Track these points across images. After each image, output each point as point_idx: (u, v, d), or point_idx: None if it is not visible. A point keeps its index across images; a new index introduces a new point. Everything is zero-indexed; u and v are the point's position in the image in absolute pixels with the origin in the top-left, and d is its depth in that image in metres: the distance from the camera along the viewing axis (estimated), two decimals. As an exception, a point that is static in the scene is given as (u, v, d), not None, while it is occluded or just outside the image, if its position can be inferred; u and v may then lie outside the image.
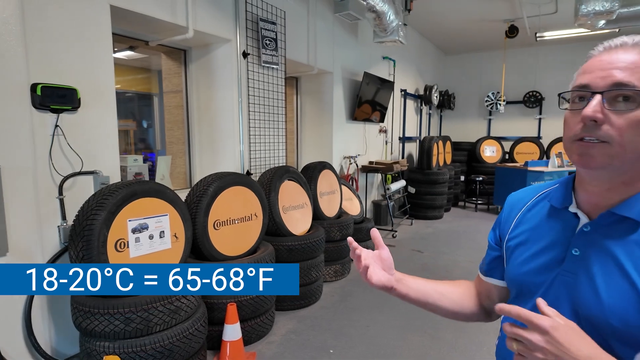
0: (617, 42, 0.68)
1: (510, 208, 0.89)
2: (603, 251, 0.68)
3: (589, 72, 0.68)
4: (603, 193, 0.70)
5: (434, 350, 2.66)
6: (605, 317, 0.64)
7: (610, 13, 3.96)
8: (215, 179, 2.59)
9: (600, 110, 0.63)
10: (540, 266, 0.75)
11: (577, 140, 0.66)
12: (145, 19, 2.66)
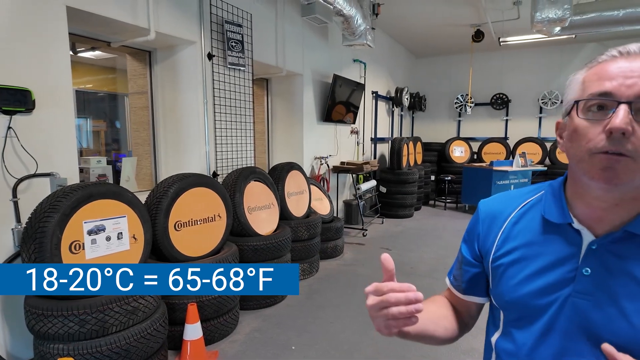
0: (634, 48, 0.62)
1: (490, 220, 0.80)
2: (619, 271, 0.64)
3: (608, 78, 0.61)
4: (610, 208, 0.65)
5: (394, 345, 2.75)
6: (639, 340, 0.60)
7: (563, 20, 4.18)
8: (176, 180, 2.61)
9: (629, 122, 0.58)
10: (543, 287, 0.69)
11: (600, 153, 0.60)
12: (105, 20, 2.65)
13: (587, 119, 0.63)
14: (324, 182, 5.51)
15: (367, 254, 4.81)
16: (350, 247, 5.05)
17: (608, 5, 4.46)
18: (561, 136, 0.71)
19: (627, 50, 0.63)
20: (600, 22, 4.55)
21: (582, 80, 0.66)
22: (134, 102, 3.56)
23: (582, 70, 0.68)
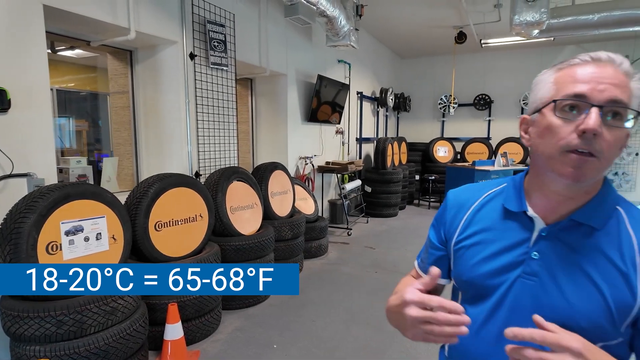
0: (603, 56, 0.68)
1: (456, 208, 0.87)
2: (564, 256, 0.71)
3: (580, 81, 0.66)
4: (565, 201, 0.72)
5: (375, 342, 2.80)
6: (575, 319, 0.67)
7: (541, 24, 4.28)
8: (157, 180, 2.60)
9: (600, 124, 0.63)
10: (497, 268, 0.76)
11: (570, 151, 0.66)
12: (83, 20, 2.62)
13: (561, 117, 0.67)
14: (308, 182, 5.54)
15: (352, 253, 4.85)
16: (334, 247, 5.09)
17: (583, 10, 4.59)
18: (526, 131, 0.76)
19: (598, 57, 0.68)
20: (576, 25, 4.67)
21: (553, 81, 0.71)
22: (115, 102, 3.53)
23: (550, 71, 0.72)
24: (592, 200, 0.72)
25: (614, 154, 0.67)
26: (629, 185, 7.97)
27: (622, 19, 4.51)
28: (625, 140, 0.68)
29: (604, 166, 0.67)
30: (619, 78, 0.66)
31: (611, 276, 0.67)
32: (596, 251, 0.69)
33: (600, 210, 0.71)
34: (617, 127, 0.65)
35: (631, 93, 0.66)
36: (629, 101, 0.66)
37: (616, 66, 0.67)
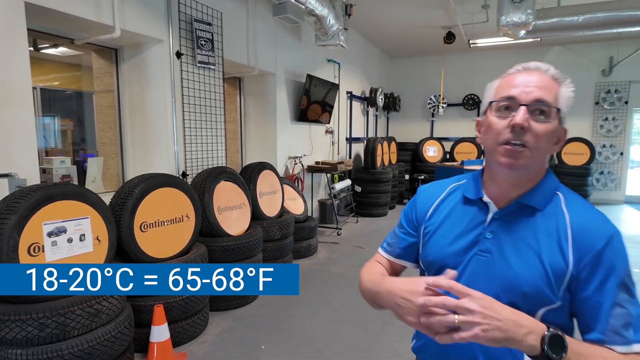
0: (532, 65, 0.82)
1: (425, 198, 1.00)
2: (512, 233, 0.83)
3: (513, 86, 0.80)
4: (512, 187, 0.84)
5: (363, 341, 2.80)
6: (520, 285, 0.78)
7: (527, 24, 4.33)
8: (142, 181, 2.57)
9: (527, 119, 0.77)
10: (458, 249, 0.87)
11: (505, 144, 0.79)
12: (66, 17, 2.58)
13: (498, 116, 0.82)
14: (298, 182, 5.53)
15: (341, 252, 4.86)
16: (324, 246, 5.09)
17: (568, 11, 4.66)
18: (479, 131, 0.90)
19: (528, 67, 0.82)
20: (562, 26, 4.74)
21: (496, 87, 0.86)
22: (100, 101, 3.49)
23: (497, 80, 0.87)
24: (535, 187, 0.84)
25: (543, 145, 0.79)
26: (614, 185, 8.12)
27: (606, 21, 4.58)
28: (556, 135, 0.81)
29: (535, 155, 0.79)
30: (545, 82, 0.79)
31: (549, 248, 0.79)
32: (538, 228, 0.81)
33: (541, 194, 0.83)
34: (543, 122, 0.78)
35: (558, 94, 0.80)
36: (554, 101, 0.79)
37: (542, 72, 0.81)
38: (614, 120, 7.92)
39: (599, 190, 8.17)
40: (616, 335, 0.73)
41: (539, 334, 0.69)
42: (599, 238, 0.76)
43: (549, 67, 0.82)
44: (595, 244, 0.76)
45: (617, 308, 0.73)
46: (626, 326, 0.73)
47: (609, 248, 0.75)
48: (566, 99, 0.81)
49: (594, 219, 0.79)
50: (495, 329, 0.68)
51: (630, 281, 0.76)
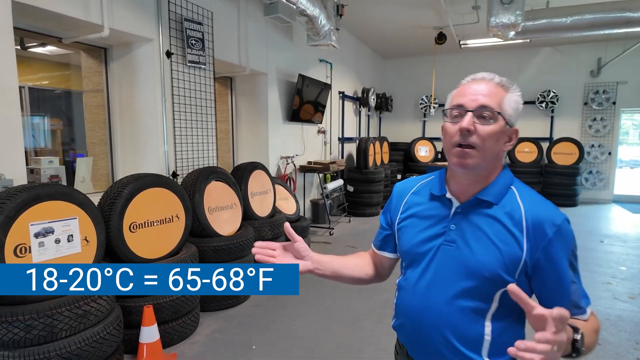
0: (479, 76, 0.93)
1: (398, 195, 1.11)
2: (472, 225, 0.93)
3: (462, 95, 0.92)
4: (470, 184, 0.95)
5: (353, 340, 2.81)
6: (480, 271, 0.89)
7: (516, 26, 4.38)
8: (131, 181, 2.55)
9: (472, 123, 0.88)
10: (426, 239, 0.98)
11: (456, 146, 0.90)
12: (55, 16, 2.56)
13: (450, 122, 0.93)
14: (290, 182, 5.53)
15: (333, 252, 4.85)
16: (316, 246, 5.09)
17: (557, 13, 4.72)
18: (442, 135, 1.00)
19: (476, 77, 0.94)
20: (551, 28, 4.80)
21: (452, 96, 0.97)
22: (89, 101, 3.46)
23: (456, 88, 0.98)
24: (492, 183, 0.94)
25: (490, 145, 0.88)
26: (603, 184, 8.23)
27: (593, 22, 4.65)
28: (505, 134, 0.91)
29: (483, 155, 0.89)
30: (489, 90, 0.90)
31: (505, 237, 0.89)
32: (495, 219, 0.91)
33: (497, 189, 0.93)
34: (487, 124, 0.88)
35: (503, 100, 0.90)
36: (498, 106, 0.89)
37: (488, 81, 0.92)
38: (602, 121, 8.03)
39: (588, 189, 8.28)
40: (577, 308, 0.87)
41: (570, 337, 0.76)
42: (550, 227, 0.86)
43: (494, 76, 0.93)
44: (547, 232, 0.86)
45: (572, 285, 0.87)
46: (580, 298, 0.88)
47: (559, 235, 0.86)
48: (513, 102, 0.91)
49: (545, 210, 0.89)
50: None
51: (575, 259, 0.88)
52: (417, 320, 0.98)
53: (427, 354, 0.98)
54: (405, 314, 1.03)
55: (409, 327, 1.02)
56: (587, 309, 0.88)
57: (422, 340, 0.97)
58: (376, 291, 3.63)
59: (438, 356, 0.95)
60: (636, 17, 4.40)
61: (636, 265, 4.40)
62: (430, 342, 0.95)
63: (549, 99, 8.17)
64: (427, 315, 0.95)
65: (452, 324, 0.92)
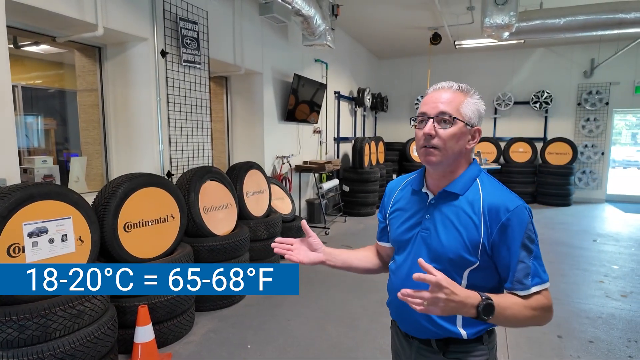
0: (440, 85, 1.07)
1: (389, 192, 1.28)
2: (442, 214, 1.07)
3: (425, 104, 1.06)
4: (440, 178, 1.09)
5: (348, 339, 2.82)
6: (446, 253, 1.03)
7: (510, 26, 4.41)
8: (126, 180, 2.54)
9: (433, 128, 1.02)
10: (408, 227, 1.14)
11: (422, 147, 1.05)
12: (48, 14, 2.54)
13: (417, 127, 1.07)
14: (286, 182, 5.53)
15: (328, 251, 4.87)
16: (311, 246, 5.09)
17: (550, 14, 4.76)
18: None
19: (438, 87, 1.07)
20: (544, 29, 4.84)
21: (420, 105, 1.10)
22: (84, 100, 3.44)
23: (423, 97, 1.12)
24: (458, 177, 1.07)
25: (451, 145, 1.02)
26: (596, 184, 8.31)
27: (586, 23, 4.69)
28: (466, 134, 1.03)
29: (445, 154, 1.02)
30: (448, 97, 1.03)
31: (466, 223, 1.02)
32: (459, 208, 1.04)
33: (462, 183, 1.06)
34: (447, 128, 1.02)
35: (461, 104, 1.02)
36: (455, 110, 1.01)
37: (447, 89, 1.04)
38: (595, 121, 8.10)
39: (581, 189, 8.35)
40: (519, 284, 0.99)
41: (474, 305, 0.90)
42: (504, 212, 0.99)
43: (452, 84, 1.06)
44: (501, 217, 0.99)
45: (519, 264, 0.98)
46: (526, 276, 0.98)
47: (511, 220, 0.98)
48: (471, 105, 1.04)
49: (500, 198, 1.02)
50: (450, 308, 0.88)
51: (530, 241, 0.99)
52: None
53: (412, 326, 1.13)
54: (392, 293, 1.16)
55: (395, 304, 1.16)
56: (531, 287, 0.98)
57: (406, 314, 1.11)
58: (371, 290, 3.65)
59: (420, 327, 1.10)
60: (628, 18, 4.44)
61: (628, 264, 4.44)
62: (412, 315, 1.08)
63: (542, 99, 8.23)
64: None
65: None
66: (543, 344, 2.74)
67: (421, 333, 1.11)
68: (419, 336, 1.12)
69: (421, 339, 1.12)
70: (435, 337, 1.09)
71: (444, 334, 1.07)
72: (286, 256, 1.15)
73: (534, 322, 0.99)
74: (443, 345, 1.08)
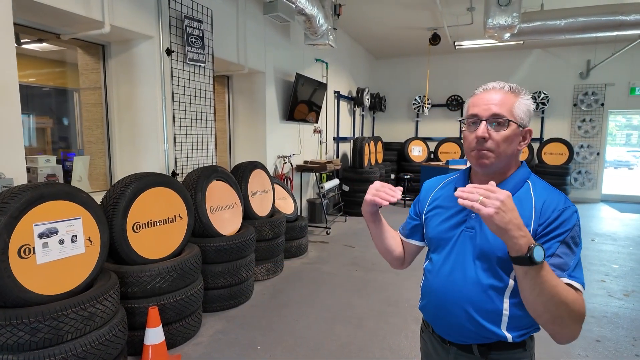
0: (490, 86, 1.04)
1: (427, 190, 1.26)
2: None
3: (476, 105, 1.03)
4: (488, 179, 1.03)
5: (357, 339, 2.82)
6: (494, 251, 1.00)
7: (513, 27, 4.44)
8: (134, 180, 2.51)
9: (486, 131, 1.00)
10: (450, 226, 1.11)
11: (475, 150, 1.02)
12: (55, 11, 2.50)
13: (467, 130, 1.05)
14: (287, 181, 5.51)
15: (331, 251, 4.87)
16: (314, 246, 5.09)
17: (552, 15, 4.79)
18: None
19: (487, 87, 1.05)
20: (545, 30, 4.88)
21: (467, 105, 1.09)
22: (86, 98, 3.39)
23: (469, 99, 1.09)
24: (509, 178, 1.06)
25: (504, 147, 1.00)
26: (591, 184, 8.40)
27: (585, 25, 4.74)
28: (518, 136, 1.01)
29: (498, 156, 1.00)
30: (500, 98, 1.01)
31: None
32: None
33: (512, 183, 1.05)
34: (500, 130, 1.00)
35: (514, 105, 1.00)
36: (509, 112, 1.00)
37: (498, 90, 1.02)
38: (591, 122, 8.19)
39: (577, 189, 8.45)
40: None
41: (529, 242, 0.86)
42: (552, 212, 0.97)
43: (504, 84, 1.03)
44: (549, 215, 0.97)
45: (554, 257, 0.94)
46: (560, 268, 0.93)
47: (560, 217, 0.96)
48: (523, 106, 1.01)
49: (553, 199, 1.00)
50: (503, 218, 0.85)
51: (573, 242, 0.95)
52: (442, 298, 1.09)
53: (452, 329, 1.09)
54: (430, 294, 1.14)
55: (434, 306, 1.13)
56: (564, 277, 0.92)
57: (447, 316, 1.08)
58: (376, 290, 3.65)
59: (461, 329, 1.06)
60: (629, 20, 4.49)
61: (627, 263, 4.50)
62: (454, 317, 1.06)
63: (539, 100, 8.31)
64: (451, 293, 1.06)
65: (473, 300, 1.02)
66: (551, 343, 2.75)
67: (462, 337, 1.07)
68: (459, 341, 1.08)
69: (460, 344, 1.08)
70: (477, 342, 1.05)
71: (487, 338, 1.03)
72: (382, 198, 1.12)
73: (566, 312, 0.88)
74: (486, 350, 1.05)
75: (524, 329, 1.03)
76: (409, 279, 3.89)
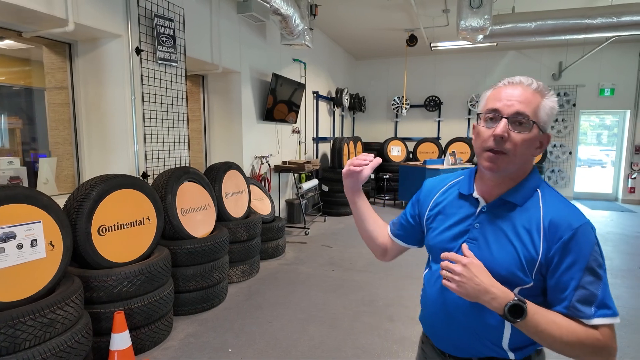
0: (516, 80, 0.92)
1: (428, 191, 1.14)
2: (495, 225, 0.95)
3: (498, 99, 0.91)
4: (496, 185, 0.97)
5: (330, 339, 2.82)
6: (497, 269, 0.90)
7: (484, 29, 4.52)
8: (99, 182, 2.45)
9: (506, 130, 0.88)
10: (452, 236, 1.01)
11: (488, 150, 0.91)
12: (13, 8, 2.41)
13: (484, 125, 0.93)
14: (265, 182, 5.48)
15: (309, 252, 4.86)
16: (292, 246, 5.07)
17: (522, 18, 4.91)
18: (473, 135, 1.01)
19: (513, 81, 0.93)
20: (516, 32, 4.99)
21: (486, 98, 0.96)
22: (53, 98, 3.29)
23: (489, 90, 0.97)
24: (517, 185, 0.95)
25: (522, 151, 0.89)
26: (564, 182, 8.64)
27: (554, 28, 4.87)
28: (537, 141, 0.91)
29: (514, 160, 0.90)
30: (526, 96, 0.89)
31: (523, 238, 0.91)
32: (516, 221, 0.93)
33: (522, 192, 0.95)
34: (521, 132, 0.89)
35: (539, 106, 0.89)
36: (533, 113, 0.89)
37: (525, 86, 0.91)
38: (563, 122, 8.43)
39: (551, 187, 8.67)
40: (576, 311, 0.85)
41: (503, 302, 0.84)
42: (566, 230, 0.87)
43: (532, 81, 0.91)
44: (563, 235, 0.87)
45: (579, 290, 0.84)
46: (588, 304, 0.83)
47: (575, 238, 0.86)
48: (548, 108, 0.90)
49: (564, 213, 0.89)
50: (466, 290, 0.87)
51: (597, 266, 0.85)
52: (439, 310, 1.03)
53: (452, 343, 1.02)
54: (429, 306, 1.08)
55: (431, 319, 1.08)
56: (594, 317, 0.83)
57: (447, 330, 1.02)
58: (352, 289, 3.66)
59: (463, 345, 1.00)
60: (594, 23, 4.64)
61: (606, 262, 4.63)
62: (452, 331, 1.00)
63: (514, 100, 8.48)
64: (450, 306, 0.99)
65: (472, 316, 0.95)
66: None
67: (462, 351, 1.01)
68: (458, 354, 1.02)
69: (459, 358, 1.02)
70: (477, 356, 0.99)
71: (487, 354, 0.97)
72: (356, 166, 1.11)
73: (581, 350, 0.82)
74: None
75: (527, 346, 0.96)
76: (384, 278, 3.92)
